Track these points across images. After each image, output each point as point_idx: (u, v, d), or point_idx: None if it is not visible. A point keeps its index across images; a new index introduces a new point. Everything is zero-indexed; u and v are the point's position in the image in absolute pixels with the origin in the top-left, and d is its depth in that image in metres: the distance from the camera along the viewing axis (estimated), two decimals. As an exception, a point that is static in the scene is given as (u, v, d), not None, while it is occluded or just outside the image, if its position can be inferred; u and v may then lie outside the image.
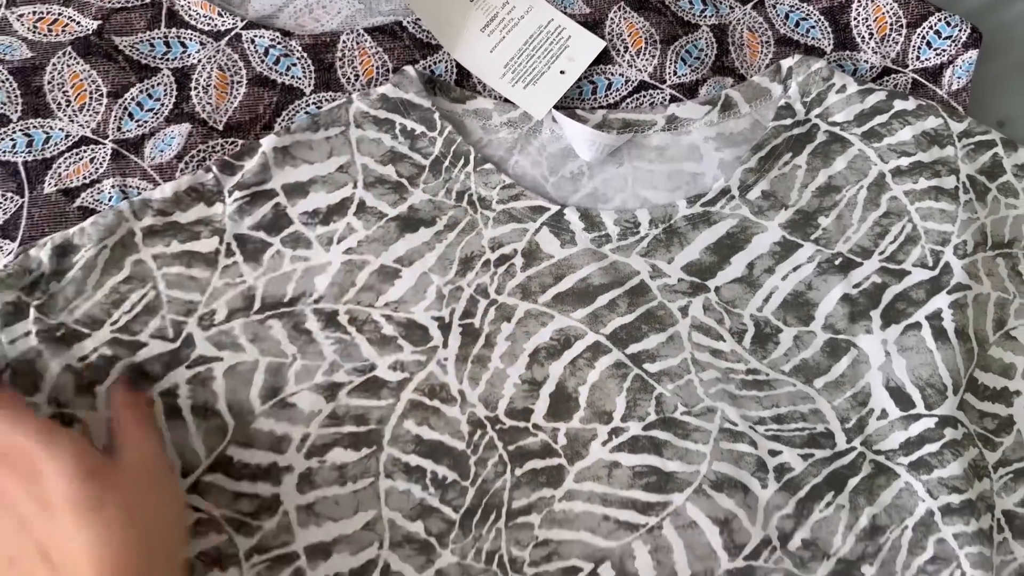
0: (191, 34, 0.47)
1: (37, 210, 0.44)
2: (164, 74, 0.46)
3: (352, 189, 0.44)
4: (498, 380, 0.42)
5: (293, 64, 0.47)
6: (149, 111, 0.46)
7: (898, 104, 0.47)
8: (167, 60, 0.46)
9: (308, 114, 0.46)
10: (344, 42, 0.47)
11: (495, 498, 0.40)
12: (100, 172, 0.45)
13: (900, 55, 0.49)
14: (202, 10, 0.47)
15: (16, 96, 0.45)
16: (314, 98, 0.47)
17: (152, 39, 0.47)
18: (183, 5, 0.47)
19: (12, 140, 0.45)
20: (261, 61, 0.47)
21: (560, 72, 0.48)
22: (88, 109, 0.45)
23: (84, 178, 0.45)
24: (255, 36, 0.47)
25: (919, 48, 0.49)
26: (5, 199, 0.44)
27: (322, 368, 0.41)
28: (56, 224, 0.44)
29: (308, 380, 0.41)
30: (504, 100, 0.47)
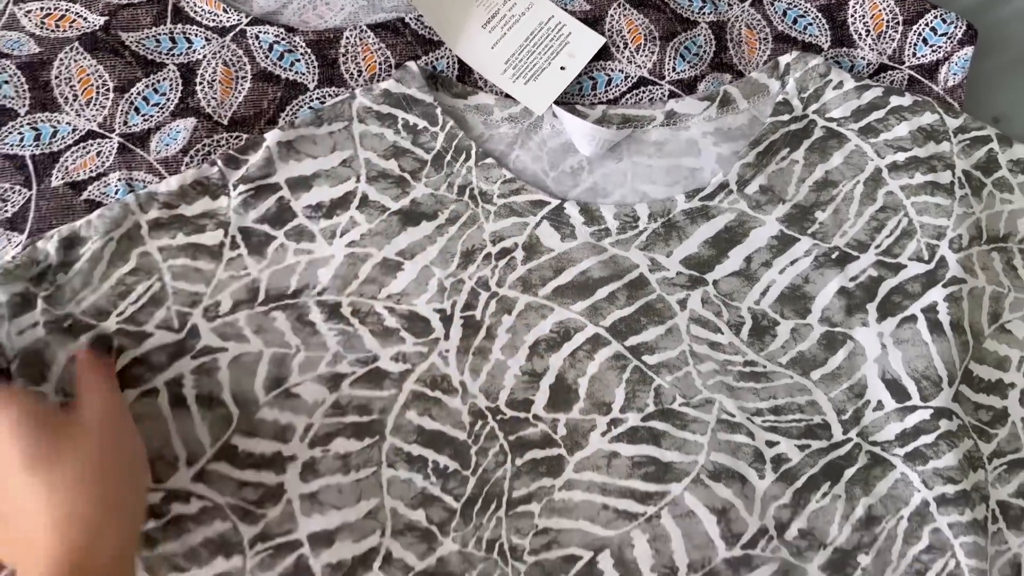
0: (196, 30, 0.47)
1: (45, 203, 0.44)
2: (170, 69, 0.47)
3: (355, 183, 0.44)
4: (499, 371, 0.42)
5: (297, 60, 0.47)
6: (155, 106, 0.46)
7: (894, 100, 0.47)
8: (173, 55, 0.47)
9: (312, 109, 0.47)
10: (347, 38, 0.48)
11: (496, 487, 0.41)
12: (107, 166, 0.45)
13: (896, 52, 0.50)
14: (207, 6, 0.48)
15: (24, 91, 0.46)
16: (318, 93, 0.47)
17: (158, 35, 0.47)
18: (188, 2, 0.48)
19: (20, 134, 0.45)
20: (265, 57, 0.47)
21: (560, 68, 0.48)
22: (95, 104, 0.46)
23: (91, 171, 0.45)
24: (259, 32, 0.48)
25: (915, 45, 0.50)
26: (13, 192, 0.45)
27: (325, 359, 0.42)
28: (63, 217, 0.44)
29: (312, 371, 0.41)
30: (505, 96, 0.48)
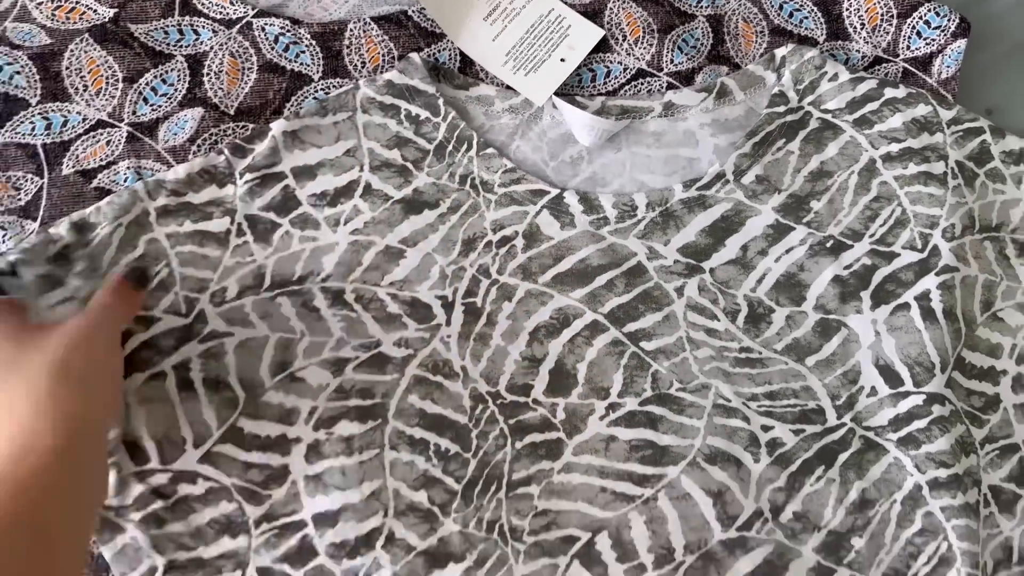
0: (204, 22, 0.48)
1: (56, 190, 0.45)
2: (178, 60, 0.48)
3: (359, 172, 0.45)
4: (499, 357, 0.43)
5: (302, 51, 0.48)
6: (163, 96, 0.47)
7: (889, 92, 0.48)
8: (181, 47, 0.48)
9: (316, 99, 0.48)
10: (351, 30, 0.49)
11: (496, 470, 0.42)
12: (116, 154, 0.46)
13: (891, 44, 0.50)
14: (214, -1, 0.49)
15: (35, 81, 0.47)
16: (322, 84, 0.48)
17: (166, 27, 0.48)
18: (196, -6, 0.49)
19: (32, 123, 0.46)
20: (271, 48, 0.48)
21: (560, 60, 0.49)
22: (104, 94, 0.47)
23: (101, 160, 0.46)
24: (265, 24, 0.48)
25: (909, 38, 0.50)
26: (26, 180, 0.45)
27: (329, 344, 0.42)
28: (74, 204, 0.45)
29: (316, 355, 0.42)
30: (506, 87, 0.49)
